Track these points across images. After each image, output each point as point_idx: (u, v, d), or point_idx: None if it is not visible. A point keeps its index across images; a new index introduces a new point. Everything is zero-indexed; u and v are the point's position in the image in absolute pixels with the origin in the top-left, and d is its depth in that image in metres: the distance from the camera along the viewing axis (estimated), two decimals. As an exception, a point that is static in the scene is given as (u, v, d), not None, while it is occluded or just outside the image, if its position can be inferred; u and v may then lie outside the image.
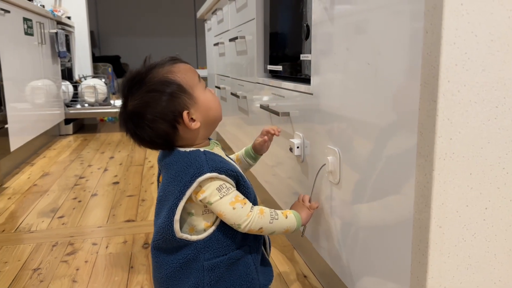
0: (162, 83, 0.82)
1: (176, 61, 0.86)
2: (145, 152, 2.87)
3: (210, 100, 0.86)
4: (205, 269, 0.83)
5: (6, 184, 2.15)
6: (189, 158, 0.82)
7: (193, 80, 0.84)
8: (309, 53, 1.07)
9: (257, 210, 0.83)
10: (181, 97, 0.82)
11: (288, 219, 0.87)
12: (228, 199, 0.81)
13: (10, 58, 2.30)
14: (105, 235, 1.51)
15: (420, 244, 0.58)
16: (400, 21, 0.63)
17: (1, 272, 1.25)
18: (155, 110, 0.81)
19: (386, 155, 0.68)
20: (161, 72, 0.83)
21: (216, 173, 0.80)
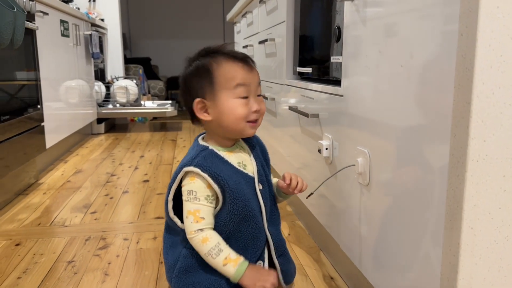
0: (204, 64, 0.86)
1: (236, 59, 0.87)
2: (174, 151, 2.93)
3: (230, 107, 0.85)
4: (181, 255, 0.88)
5: (42, 180, 2.23)
6: (194, 150, 0.88)
7: (228, 82, 0.85)
8: (340, 55, 1.08)
9: (201, 237, 0.83)
10: (204, 85, 0.86)
11: (224, 267, 0.83)
12: (188, 207, 0.84)
13: (47, 58, 2.39)
14: (135, 231, 1.55)
15: (451, 246, 0.59)
16: (434, 24, 0.63)
17: (38, 263, 1.30)
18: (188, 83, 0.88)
19: (418, 157, 0.69)
20: (215, 58, 0.87)
21: (199, 169, 0.82)
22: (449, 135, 0.58)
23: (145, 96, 4.31)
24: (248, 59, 0.88)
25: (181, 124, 4.31)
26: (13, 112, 1.83)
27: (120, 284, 1.18)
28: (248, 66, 0.87)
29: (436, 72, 0.63)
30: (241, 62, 0.87)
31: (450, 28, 0.59)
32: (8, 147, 1.75)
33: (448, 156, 0.58)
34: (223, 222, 0.86)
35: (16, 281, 1.19)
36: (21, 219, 1.67)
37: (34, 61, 2.12)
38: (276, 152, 1.86)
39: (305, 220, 1.59)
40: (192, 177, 0.84)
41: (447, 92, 0.59)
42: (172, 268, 0.89)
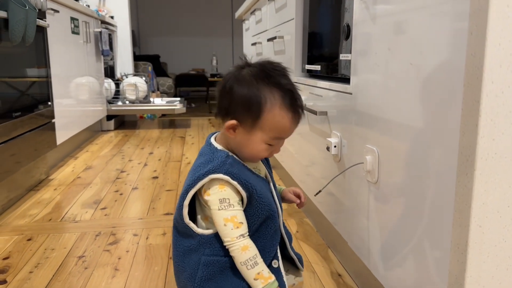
0: (260, 98, 0.81)
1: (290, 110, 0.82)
2: (183, 148, 2.94)
3: (256, 148, 0.85)
4: (201, 263, 0.86)
5: (52, 176, 2.26)
6: (215, 154, 0.85)
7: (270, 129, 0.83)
8: (349, 53, 1.08)
9: (241, 245, 0.82)
10: (248, 117, 0.82)
11: (255, 282, 0.83)
12: (224, 215, 0.82)
13: (58, 55, 2.42)
14: (145, 226, 1.57)
15: (460, 243, 0.59)
16: (443, 22, 0.63)
17: (49, 258, 1.32)
18: (236, 91, 0.83)
19: (427, 155, 0.69)
20: (274, 96, 0.81)
21: (228, 177, 0.81)
22: (458, 133, 0.58)
23: (154, 93, 4.33)
24: (300, 111, 0.84)
25: (190, 121, 4.33)
26: (24, 109, 1.85)
27: (130, 279, 1.19)
28: (296, 120, 0.84)
29: (445, 70, 0.63)
30: (293, 114, 0.83)
31: (460, 26, 0.59)
32: (19, 143, 1.78)
33: (457, 154, 0.59)
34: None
35: (28, 275, 1.21)
36: (33, 215, 1.69)
37: (45, 58, 2.14)
38: (285, 150, 1.87)
39: (313, 218, 1.60)
40: (221, 185, 0.82)
41: (456, 91, 0.59)
42: (192, 277, 0.86)
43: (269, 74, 0.82)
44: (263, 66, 0.84)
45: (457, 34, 0.59)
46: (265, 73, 0.82)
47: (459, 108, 0.59)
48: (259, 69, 0.84)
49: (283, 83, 0.82)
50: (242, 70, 0.86)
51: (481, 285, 0.59)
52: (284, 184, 2.07)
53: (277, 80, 0.81)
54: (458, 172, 0.59)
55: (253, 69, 0.84)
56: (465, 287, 0.59)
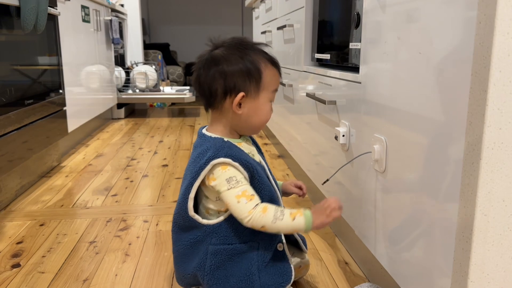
0: (253, 61, 0.87)
1: (277, 66, 0.92)
2: (192, 137, 2.96)
3: (264, 110, 0.90)
4: (209, 253, 0.88)
5: (64, 163, 2.29)
6: (211, 143, 0.87)
7: (270, 85, 0.90)
8: (358, 41, 1.08)
9: (260, 208, 0.83)
10: (252, 83, 0.87)
11: (294, 221, 0.83)
12: (235, 192, 0.83)
13: (69, 44, 2.43)
14: (155, 213, 1.59)
15: (465, 231, 0.59)
16: (453, 11, 0.63)
17: (61, 243, 1.35)
18: (228, 68, 0.87)
19: (435, 144, 0.69)
20: (259, 57, 0.89)
21: (229, 159, 0.83)
22: (465, 122, 0.58)
23: (164, 82, 4.35)
24: (280, 67, 0.93)
25: (199, 110, 4.34)
26: (36, 97, 1.88)
27: (140, 264, 1.22)
28: (280, 73, 0.93)
29: (454, 59, 0.63)
30: (278, 68, 0.92)
31: (470, 15, 0.58)
32: (31, 131, 1.80)
33: (464, 143, 0.59)
34: None
35: (41, 259, 1.24)
36: (45, 201, 1.72)
37: (56, 46, 2.16)
38: (293, 139, 1.87)
39: (321, 206, 1.61)
40: (224, 166, 0.84)
41: (464, 80, 0.59)
42: (202, 266, 0.88)
43: (245, 44, 0.90)
44: (235, 41, 0.91)
45: (466, 23, 0.59)
46: (242, 45, 0.89)
47: (467, 97, 0.59)
48: (234, 44, 0.89)
49: (259, 47, 0.91)
50: (215, 52, 0.89)
51: (485, 273, 0.60)
52: (293, 173, 2.08)
53: (254, 47, 0.90)
54: (464, 161, 0.59)
55: (228, 46, 0.89)
56: (469, 275, 0.60)
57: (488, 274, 0.60)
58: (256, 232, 0.87)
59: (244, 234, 0.89)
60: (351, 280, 1.13)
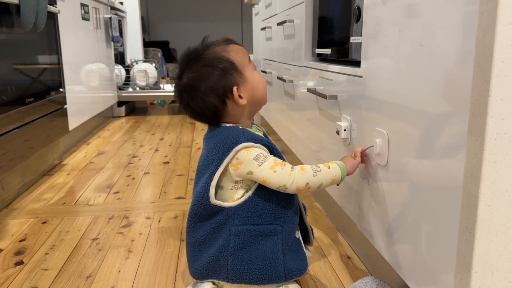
0: (216, 59, 0.89)
1: (229, 42, 0.93)
2: (193, 134, 2.96)
3: (258, 80, 0.93)
4: (232, 234, 0.89)
5: (65, 161, 2.29)
6: (228, 131, 0.89)
7: (244, 60, 0.92)
8: (359, 35, 1.08)
9: (298, 168, 0.87)
10: (232, 74, 0.89)
11: (331, 169, 0.90)
12: (267, 165, 0.86)
13: (69, 42, 2.43)
14: (157, 210, 1.60)
15: (468, 222, 0.59)
16: (455, 2, 0.63)
17: (64, 240, 1.35)
18: (207, 84, 0.89)
19: (437, 137, 0.69)
20: (216, 50, 0.91)
21: (251, 142, 0.86)
22: (468, 114, 0.58)
23: (164, 80, 4.34)
24: (234, 41, 0.96)
25: (200, 107, 4.34)
26: (37, 95, 1.88)
27: (143, 260, 1.22)
28: (238, 44, 0.96)
29: (456, 51, 0.63)
30: (235, 43, 0.94)
31: (472, 7, 0.58)
32: (32, 129, 1.81)
33: (467, 134, 0.59)
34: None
35: (44, 257, 1.25)
36: (47, 198, 1.73)
37: (56, 44, 2.16)
38: (294, 135, 1.87)
39: (322, 201, 1.61)
40: (247, 148, 0.86)
41: (467, 72, 0.59)
42: (225, 248, 0.88)
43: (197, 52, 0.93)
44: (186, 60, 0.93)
45: (469, 14, 0.59)
46: (196, 55, 0.92)
47: (469, 89, 0.59)
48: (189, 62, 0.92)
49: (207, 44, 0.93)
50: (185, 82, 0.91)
51: (488, 263, 0.60)
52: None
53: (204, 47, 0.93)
54: (467, 152, 0.59)
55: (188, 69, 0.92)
56: (473, 266, 0.60)
57: (492, 265, 0.60)
58: (278, 215, 0.89)
59: (266, 215, 0.89)
60: (353, 274, 1.14)
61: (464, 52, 0.60)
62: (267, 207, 0.89)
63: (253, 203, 0.90)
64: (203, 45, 0.94)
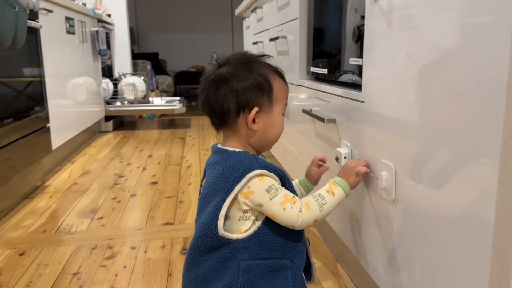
0: (262, 75, 0.85)
1: (282, 77, 0.90)
2: (183, 150, 2.87)
3: (279, 123, 0.88)
4: (241, 269, 0.81)
5: (48, 181, 2.18)
6: (240, 156, 0.83)
7: (281, 97, 0.88)
8: (359, 57, 1.00)
9: (304, 207, 0.82)
10: (264, 96, 0.85)
11: (335, 196, 0.86)
12: (278, 200, 0.80)
13: (52, 57, 2.33)
14: (143, 238, 1.50)
15: (502, 286, 0.51)
16: (477, 27, 0.55)
17: (42, 275, 1.25)
18: (238, 85, 0.84)
19: (454, 171, 0.61)
20: (267, 70, 0.87)
21: (265, 170, 0.80)
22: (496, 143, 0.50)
23: (153, 92, 4.25)
24: (285, 78, 0.91)
25: (190, 120, 4.25)
26: (18, 113, 1.77)
27: (127, 299, 1.12)
28: (287, 85, 0.91)
29: (474, 80, 0.55)
30: (285, 81, 0.90)
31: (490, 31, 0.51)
32: (13, 149, 1.70)
33: (497, 182, 0.51)
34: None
35: (19, 295, 1.14)
36: (26, 226, 1.62)
37: (38, 60, 2.07)
38: (287, 151, 1.79)
39: (319, 227, 1.52)
40: (260, 177, 0.80)
41: (493, 101, 0.51)
42: (233, 285, 0.81)
43: (250, 58, 0.88)
44: (238, 56, 0.89)
45: (492, 38, 0.52)
46: (247, 59, 0.87)
47: (496, 121, 0.51)
48: (239, 60, 0.87)
49: (264, 61, 0.89)
50: (222, 71, 0.86)
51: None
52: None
53: (259, 60, 0.88)
54: (498, 193, 0.50)
55: (233, 63, 0.87)
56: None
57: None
58: (288, 248, 0.83)
59: (275, 248, 0.83)
60: (356, 313, 1.05)
61: (488, 82, 0.52)
62: (276, 240, 0.83)
63: (262, 236, 0.83)
64: (261, 56, 0.90)
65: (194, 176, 2.26)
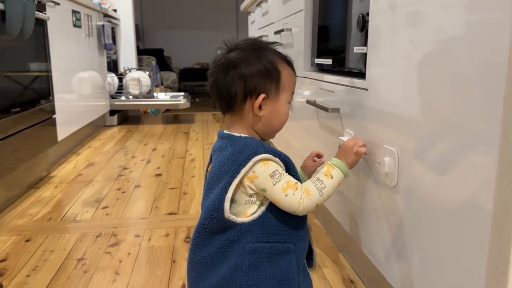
0: (271, 62, 0.85)
1: (291, 65, 0.90)
2: (187, 144, 2.88)
3: (285, 111, 0.89)
4: (246, 251, 0.82)
5: (53, 173, 2.20)
6: (246, 141, 0.84)
7: (289, 86, 0.88)
8: (363, 45, 1.01)
9: (304, 194, 0.83)
10: (271, 83, 0.85)
11: (334, 178, 0.86)
12: (280, 185, 0.81)
13: (59, 49, 2.35)
14: (147, 227, 1.51)
15: (499, 261, 0.52)
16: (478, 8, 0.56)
17: (48, 261, 1.27)
18: (247, 71, 0.84)
19: (458, 159, 0.62)
20: (275, 57, 0.87)
21: (271, 155, 0.81)
22: (498, 136, 0.51)
23: (158, 88, 4.27)
24: (294, 67, 0.91)
25: (194, 116, 4.27)
26: (24, 104, 1.79)
27: (131, 284, 1.14)
28: (295, 73, 0.91)
29: (478, 64, 0.56)
30: (293, 69, 0.90)
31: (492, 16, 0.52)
32: (20, 140, 1.72)
33: (497, 160, 0.52)
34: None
35: (25, 279, 1.16)
36: (32, 214, 1.64)
37: (45, 52, 2.08)
38: (290, 145, 1.80)
39: (321, 218, 1.53)
40: (265, 162, 0.82)
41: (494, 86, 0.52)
42: (239, 266, 0.82)
43: (260, 44, 0.88)
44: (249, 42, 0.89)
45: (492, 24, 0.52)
46: (257, 45, 0.88)
47: (498, 105, 0.52)
48: (249, 45, 0.87)
49: (273, 48, 0.88)
50: (231, 55, 0.87)
51: (521, 307, 0.52)
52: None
53: (269, 47, 0.88)
54: (497, 181, 0.52)
55: (243, 48, 0.87)
56: (503, 309, 0.52)
57: (525, 309, 0.52)
58: (292, 233, 0.85)
59: (280, 233, 0.84)
60: (357, 300, 1.06)
61: (489, 66, 0.53)
62: (280, 224, 0.84)
63: (267, 220, 0.84)
64: (271, 43, 0.90)
65: (197, 169, 2.28)
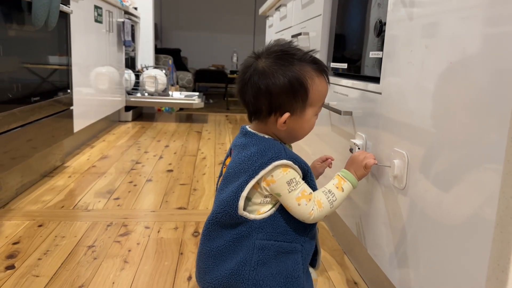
0: (299, 78, 0.82)
1: (324, 75, 0.86)
2: (199, 143, 2.91)
3: (309, 125, 0.89)
4: (256, 247, 0.84)
5: (68, 163, 2.25)
6: (268, 143, 0.85)
7: (317, 101, 0.86)
8: (379, 50, 1.03)
9: (316, 206, 0.85)
10: (297, 102, 0.84)
11: (344, 191, 0.89)
12: (295, 194, 0.83)
13: (80, 43, 2.41)
14: (157, 219, 1.54)
15: (500, 260, 0.53)
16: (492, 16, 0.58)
17: (59, 246, 1.30)
18: (274, 87, 0.82)
19: (466, 163, 0.64)
20: (308, 69, 0.83)
21: (291, 162, 0.82)
22: (505, 142, 0.53)
23: (173, 87, 4.32)
24: (328, 73, 0.88)
25: (207, 116, 4.31)
26: (43, 94, 1.84)
27: (139, 273, 1.16)
28: (328, 80, 0.88)
29: (494, 70, 0.57)
30: (326, 76, 0.86)
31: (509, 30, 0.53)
32: (36, 129, 1.76)
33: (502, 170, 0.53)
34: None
35: (36, 262, 1.19)
36: (45, 201, 1.68)
37: (66, 45, 2.13)
38: (301, 150, 1.82)
39: (328, 221, 1.55)
40: (285, 168, 0.82)
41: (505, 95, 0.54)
42: (248, 261, 0.84)
43: (288, 52, 0.84)
44: (279, 48, 0.85)
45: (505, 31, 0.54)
46: (285, 54, 0.83)
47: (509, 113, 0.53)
48: (277, 54, 0.84)
49: (303, 54, 0.84)
50: (258, 64, 0.84)
51: (521, 307, 0.54)
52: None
53: (298, 55, 0.84)
54: (502, 185, 0.53)
55: (273, 57, 0.84)
56: (502, 308, 0.54)
57: (524, 309, 0.54)
58: (300, 234, 0.87)
59: (288, 233, 0.86)
60: (360, 301, 1.07)
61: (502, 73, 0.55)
62: (290, 225, 0.86)
63: (278, 219, 0.86)
64: (306, 52, 0.86)
65: (208, 167, 2.31)
